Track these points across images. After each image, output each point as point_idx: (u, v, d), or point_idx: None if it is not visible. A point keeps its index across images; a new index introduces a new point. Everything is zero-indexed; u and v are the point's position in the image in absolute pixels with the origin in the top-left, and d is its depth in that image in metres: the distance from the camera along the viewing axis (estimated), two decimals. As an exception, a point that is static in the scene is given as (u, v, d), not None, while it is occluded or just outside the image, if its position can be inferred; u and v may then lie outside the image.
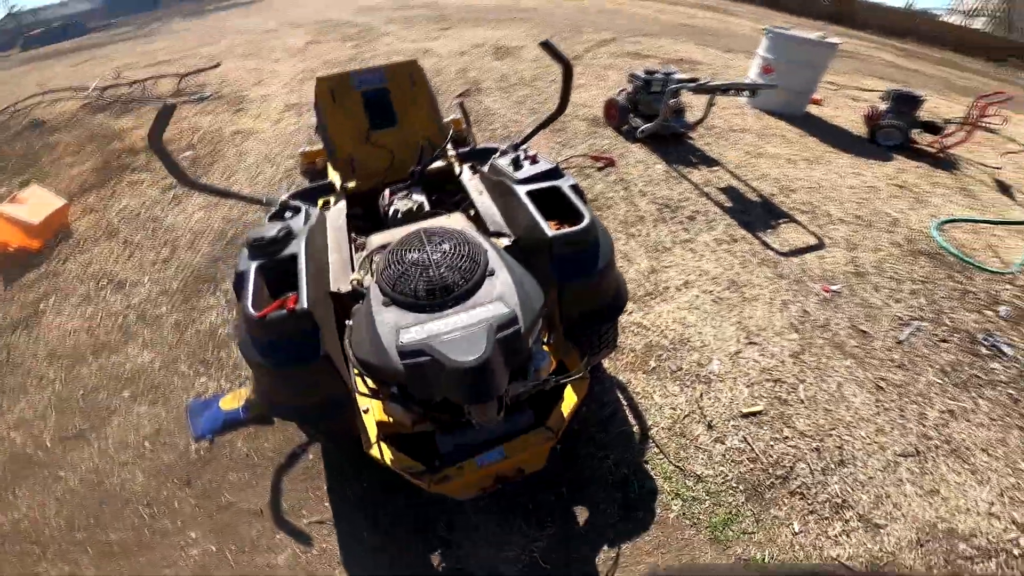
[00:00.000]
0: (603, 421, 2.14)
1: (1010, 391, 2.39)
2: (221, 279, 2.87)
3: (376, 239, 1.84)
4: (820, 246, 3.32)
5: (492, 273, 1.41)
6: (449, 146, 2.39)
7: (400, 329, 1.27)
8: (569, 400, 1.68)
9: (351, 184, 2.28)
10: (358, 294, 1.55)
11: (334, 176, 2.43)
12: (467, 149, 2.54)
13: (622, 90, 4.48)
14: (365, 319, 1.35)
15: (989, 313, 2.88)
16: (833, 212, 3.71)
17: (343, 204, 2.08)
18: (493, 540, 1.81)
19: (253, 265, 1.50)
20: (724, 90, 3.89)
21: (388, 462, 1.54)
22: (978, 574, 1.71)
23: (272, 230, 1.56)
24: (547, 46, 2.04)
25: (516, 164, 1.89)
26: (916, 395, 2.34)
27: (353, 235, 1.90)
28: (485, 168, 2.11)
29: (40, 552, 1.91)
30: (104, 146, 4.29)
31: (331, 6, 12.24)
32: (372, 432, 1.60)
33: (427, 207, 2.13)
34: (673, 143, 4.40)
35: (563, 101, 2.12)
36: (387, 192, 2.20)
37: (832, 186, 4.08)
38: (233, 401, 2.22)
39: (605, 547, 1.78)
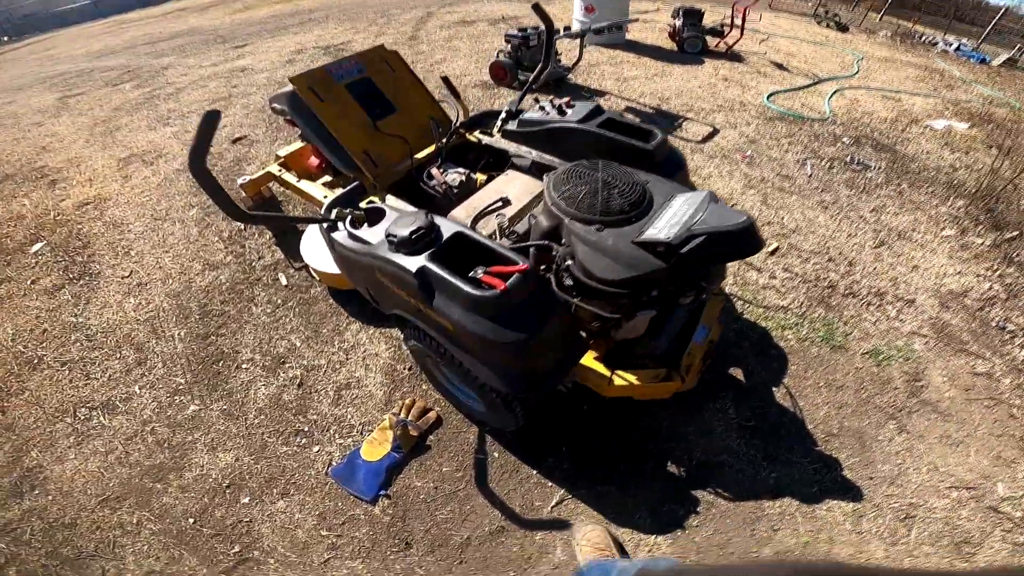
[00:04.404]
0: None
1: (892, 188, 3.34)
2: (232, 351, 2.27)
3: (458, 214, 1.80)
4: (716, 131, 4.06)
5: (647, 181, 1.59)
6: (457, 119, 2.36)
7: (634, 238, 1.35)
8: None
9: (382, 177, 2.10)
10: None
11: (320, 189, 2.33)
12: (466, 119, 2.49)
13: (501, 51, 4.68)
14: (593, 251, 1.38)
15: (839, 145, 3.94)
16: (703, 106, 4.52)
17: (391, 198, 1.94)
18: (697, 431, 1.93)
19: (423, 259, 1.38)
20: (597, 31, 4.39)
21: (634, 383, 1.59)
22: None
23: (409, 226, 1.44)
24: (536, 8, 2.22)
25: (561, 111, 2.11)
26: (847, 206, 3.12)
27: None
28: (494, 129, 2.28)
29: None
30: None
31: (42, 63, 9.75)
32: (603, 369, 1.62)
33: (475, 176, 2.14)
34: (559, 87, 4.80)
35: (546, 56, 2.32)
36: (433, 170, 2.12)
37: (687, 89, 4.93)
38: (374, 447, 1.87)
39: (773, 388, 2.06)
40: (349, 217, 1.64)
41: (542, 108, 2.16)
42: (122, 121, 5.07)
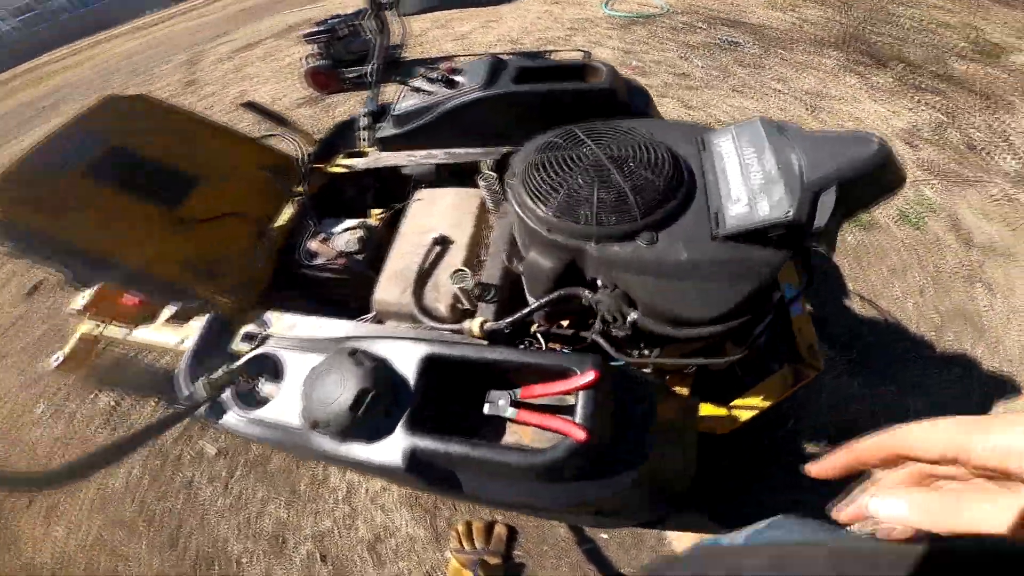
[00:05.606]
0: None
1: (775, 57, 3.20)
2: (217, 549, 1.60)
3: (387, 294, 1.12)
4: (588, 54, 3.61)
5: (651, 132, 1.01)
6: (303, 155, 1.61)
7: (716, 231, 0.80)
8: None
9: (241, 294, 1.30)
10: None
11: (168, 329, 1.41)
12: (316, 149, 1.73)
13: (309, 55, 3.80)
14: (665, 280, 0.81)
15: (699, 32, 3.72)
16: (558, 35, 4.09)
17: (275, 315, 1.19)
18: (809, 397, 1.59)
19: (402, 438, 0.80)
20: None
21: (761, 404, 1.15)
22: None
23: (341, 393, 0.80)
24: None
25: (448, 83, 1.40)
26: (755, 84, 2.95)
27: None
28: (363, 143, 1.64)
29: None
30: None
31: None
32: (717, 409, 1.16)
33: (372, 220, 1.47)
34: (395, 69, 4.05)
35: (382, 34, 1.94)
36: (312, 244, 1.37)
37: (530, 24, 4.44)
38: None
39: (845, 303, 1.78)
40: (229, 391, 0.96)
41: (417, 90, 1.46)
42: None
